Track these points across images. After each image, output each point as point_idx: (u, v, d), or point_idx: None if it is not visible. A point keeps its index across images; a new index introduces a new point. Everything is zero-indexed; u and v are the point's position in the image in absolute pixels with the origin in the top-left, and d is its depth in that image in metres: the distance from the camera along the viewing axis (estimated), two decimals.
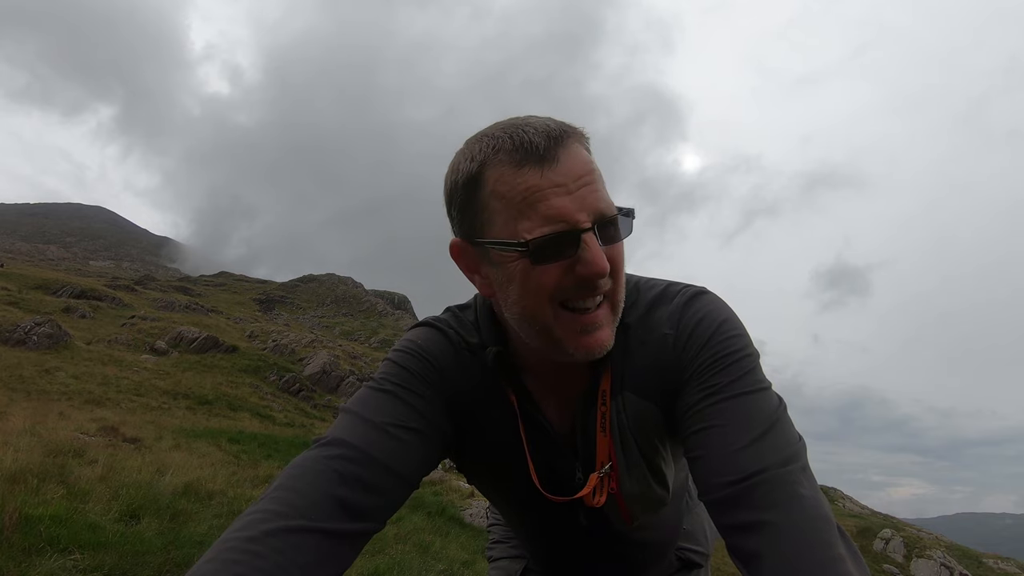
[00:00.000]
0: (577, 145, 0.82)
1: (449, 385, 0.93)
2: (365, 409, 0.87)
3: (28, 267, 47.77)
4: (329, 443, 0.83)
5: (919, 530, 26.41)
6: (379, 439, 0.84)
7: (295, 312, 65.59)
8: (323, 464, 0.80)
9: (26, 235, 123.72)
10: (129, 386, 17.50)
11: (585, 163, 0.81)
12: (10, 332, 19.79)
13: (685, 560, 1.26)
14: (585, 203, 0.79)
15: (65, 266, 72.23)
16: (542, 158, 0.78)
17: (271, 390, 23.96)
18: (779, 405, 0.83)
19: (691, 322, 0.89)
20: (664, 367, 0.90)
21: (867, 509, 38.71)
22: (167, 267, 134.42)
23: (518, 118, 0.83)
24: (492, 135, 0.82)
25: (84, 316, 28.68)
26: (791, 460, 0.76)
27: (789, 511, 0.72)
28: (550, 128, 0.80)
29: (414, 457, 0.86)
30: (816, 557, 0.68)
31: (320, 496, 0.77)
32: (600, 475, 0.94)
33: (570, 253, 0.79)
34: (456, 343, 0.96)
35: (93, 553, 3.64)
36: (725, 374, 0.84)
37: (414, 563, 5.57)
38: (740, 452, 0.77)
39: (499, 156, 0.80)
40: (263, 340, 32.82)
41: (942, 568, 20.13)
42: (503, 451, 0.96)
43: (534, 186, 0.78)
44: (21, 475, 4.94)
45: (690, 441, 0.84)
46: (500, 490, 1.07)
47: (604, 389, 0.92)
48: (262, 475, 8.42)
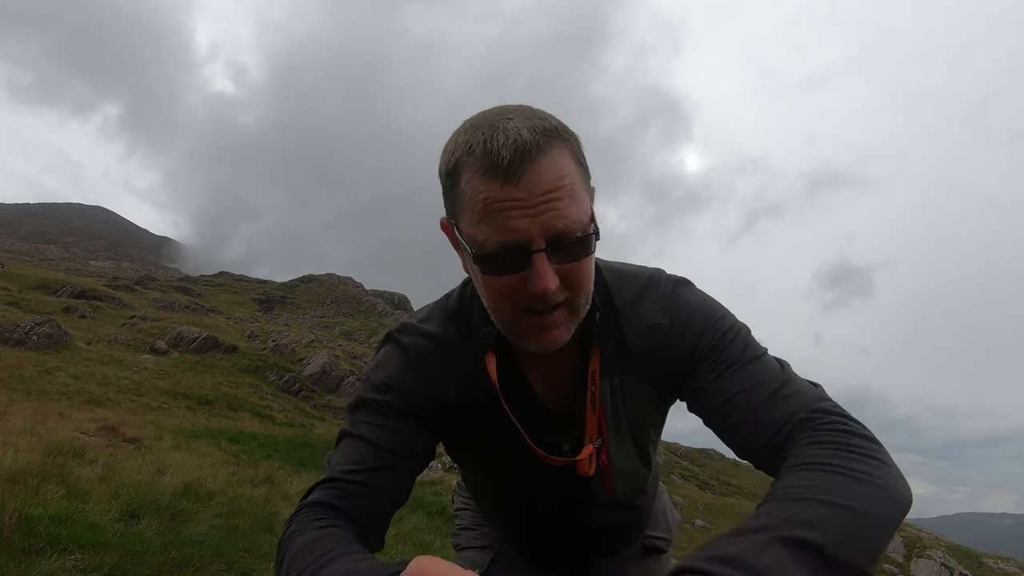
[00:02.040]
0: (557, 152, 0.80)
1: (435, 385, 0.97)
2: (361, 434, 0.95)
3: (28, 267, 47.77)
4: (331, 484, 0.92)
5: (919, 530, 26.41)
6: (379, 455, 0.93)
7: (295, 312, 65.60)
8: (333, 497, 0.90)
9: (26, 235, 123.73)
10: (129, 386, 17.50)
11: (555, 178, 0.78)
12: (10, 332, 19.79)
13: (649, 547, 1.28)
14: (542, 222, 0.78)
15: (65, 266, 72.24)
16: (506, 171, 0.77)
17: (271, 390, 23.96)
18: (783, 363, 0.92)
19: (683, 313, 0.96)
20: (664, 354, 0.95)
21: None
22: (167, 267, 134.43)
23: (502, 115, 0.81)
24: (472, 131, 0.81)
25: (84, 316, 28.68)
26: (815, 400, 0.85)
27: (822, 431, 0.80)
28: (522, 139, 0.77)
29: (409, 462, 0.96)
30: (828, 439, 0.77)
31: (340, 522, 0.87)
32: (594, 446, 0.99)
33: (519, 269, 0.80)
34: (440, 338, 0.99)
35: (93, 553, 3.64)
36: (730, 350, 0.91)
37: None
38: (768, 406, 0.85)
39: (471, 160, 0.80)
40: (263, 340, 32.83)
41: (942, 568, 20.14)
42: (492, 423, 0.98)
43: (493, 198, 0.78)
44: (21, 475, 4.94)
45: (718, 414, 0.90)
46: (488, 460, 1.07)
47: (594, 370, 0.96)
48: (262, 475, 8.43)
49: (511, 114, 0.81)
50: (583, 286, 0.86)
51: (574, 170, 0.82)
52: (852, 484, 0.70)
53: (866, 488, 0.71)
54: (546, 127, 0.80)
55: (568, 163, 0.81)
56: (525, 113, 0.82)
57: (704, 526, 21.00)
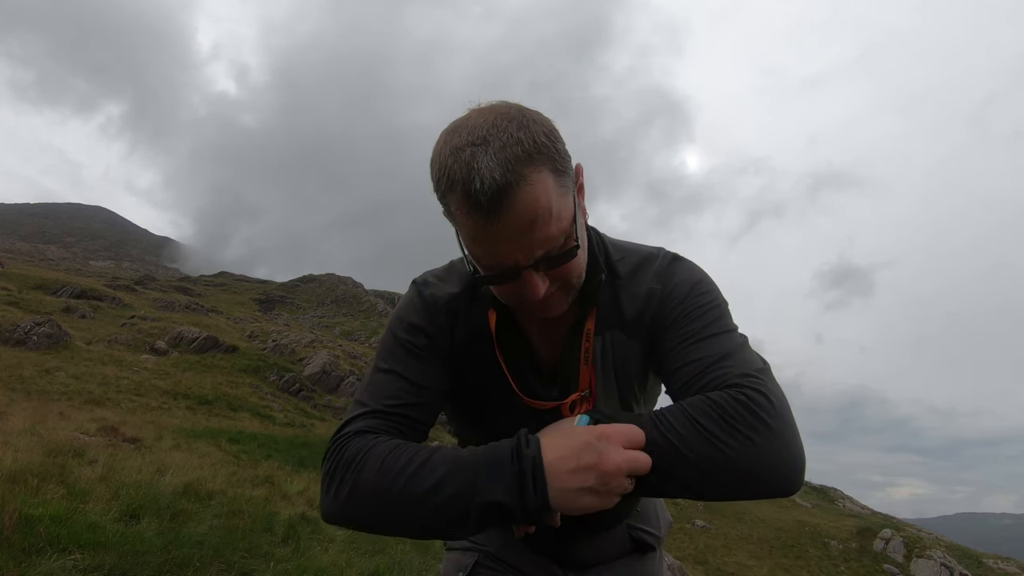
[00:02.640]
0: (533, 181, 0.85)
1: (441, 340, 1.08)
2: (390, 368, 1.06)
3: (28, 267, 47.77)
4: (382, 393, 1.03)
5: (919, 530, 26.43)
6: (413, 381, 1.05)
7: (295, 312, 65.61)
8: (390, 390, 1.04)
9: (26, 235, 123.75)
10: (129, 386, 17.50)
11: (531, 211, 0.86)
12: (10, 332, 19.79)
13: (638, 540, 1.28)
14: (526, 248, 0.89)
15: (65, 266, 72.25)
16: (487, 212, 0.85)
17: (271, 390, 23.96)
18: (743, 338, 1.00)
19: (673, 280, 1.06)
20: (651, 315, 1.05)
21: (867, 509, 38.73)
22: (167, 267, 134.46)
23: (478, 143, 0.85)
24: (454, 160, 0.86)
25: (84, 316, 28.68)
26: (759, 372, 0.92)
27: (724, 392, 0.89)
28: (495, 182, 0.83)
29: (434, 396, 1.07)
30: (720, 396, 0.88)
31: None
32: (581, 395, 1.07)
33: (512, 279, 0.92)
34: (432, 306, 1.09)
35: (93, 553, 3.64)
36: (699, 321, 1.00)
37: (414, 563, 5.57)
38: (699, 377, 0.94)
39: (453, 195, 0.87)
40: (263, 340, 32.83)
41: (942, 568, 20.15)
42: (489, 369, 1.08)
43: (479, 232, 0.88)
44: (21, 475, 4.94)
45: (669, 381, 1.01)
46: (482, 407, 1.14)
47: (589, 328, 1.06)
48: (262, 475, 8.43)
49: (487, 139, 0.85)
50: (573, 277, 0.97)
51: (551, 189, 0.88)
52: (706, 446, 0.84)
53: (713, 451, 0.83)
54: (519, 157, 0.84)
55: (543, 188, 0.86)
56: (500, 138, 0.85)
57: (704, 526, 21.01)
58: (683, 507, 23.53)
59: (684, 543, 14.58)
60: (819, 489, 41.74)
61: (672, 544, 14.11)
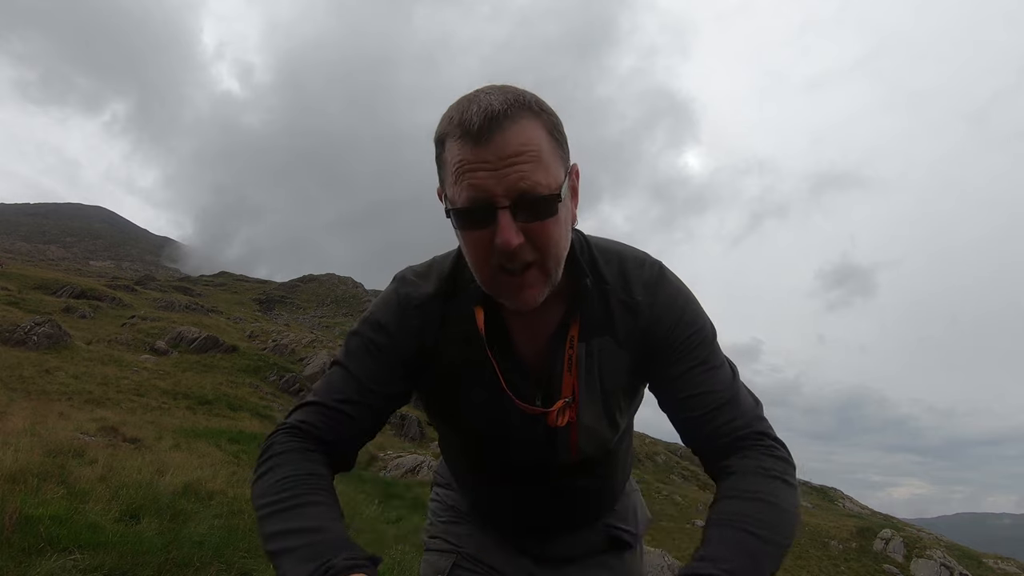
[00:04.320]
0: (526, 122, 0.88)
1: (406, 342, 1.07)
2: (345, 366, 1.07)
3: (28, 267, 47.77)
4: (309, 406, 1.06)
5: (919, 530, 26.42)
6: (354, 391, 1.05)
7: (295, 312, 65.59)
8: (310, 417, 1.05)
9: (26, 235, 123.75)
10: (129, 386, 17.49)
11: (520, 143, 0.87)
12: (10, 332, 19.78)
13: (614, 538, 1.30)
14: (506, 182, 0.87)
15: (65, 266, 72.23)
16: (476, 136, 0.86)
17: (271, 390, 23.96)
18: (735, 371, 1.06)
19: (663, 297, 1.06)
20: (640, 330, 1.05)
21: (867, 509, 38.72)
22: (167, 267, 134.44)
23: (483, 90, 0.91)
24: (456, 104, 0.91)
25: (84, 316, 28.68)
26: (754, 419, 1.02)
27: (757, 452, 0.98)
28: (492, 107, 0.87)
29: (385, 400, 1.08)
30: (764, 464, 0.97)
31: (309, 441, 1.03)
32: (564, 402, 1.06)
33: (486, 225, 0.89)
34: (411, 299, 1.08)
35: (93, 553, 3.63)
36: (700, 349, 1.03)
37: (414, 563, 5.57)
38: (718, 413, 1.00)
39: (451, 127, 0.90)
40: (263, 340, 32.82)
41: (942, 568, 20.13)
42: (473, 369, 1.06)
43: (464, 160, 0.88)
44: (21, 475, 4.94)
45: (679, 406, 1.04)
46: (463, 409, 1.11)
47: (573, 335, 1.04)
48: None
49: (491, 90, 0.91)
50: (551, 248, 0.93)
51: (544, 140, 0.90)
52: (779, 514, 0.91)
53: (789, 518, 0.91)
54: (519, 100, 0.89)
55: (537, 133, 0.89)
56: (505, 89, 0.91)
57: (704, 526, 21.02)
58: (683, 507, 23.53)
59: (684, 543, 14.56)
60: (819, 489, 41.73)
61: (672, 544, 14.08)
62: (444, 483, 1.40)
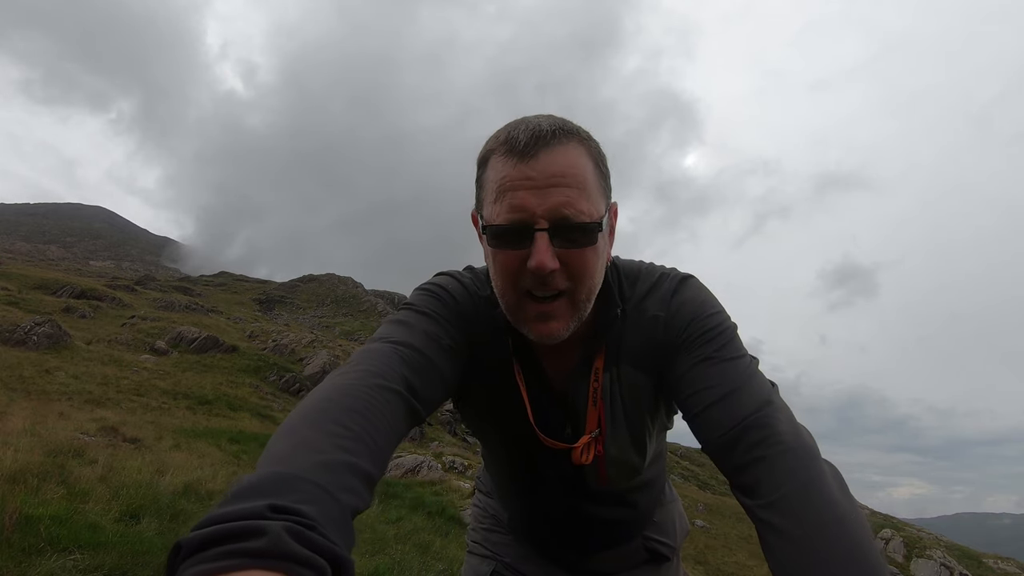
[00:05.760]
0: (573, 147, 0.87)
1: (467, 326, 1.01)
2: (413, 320, 0.97)
3: (28, 267, 47.75)
4: (389, 341, 0.91)
5: (919, 530, 26.41)
6: (429, 344, 0.94)
7: (295, 312, 65.57)
8: (391, 350, 0.89)
9: (26, 235, 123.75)
10: (129, 386, 17.48)
11: (568, 166, 0.86)
12: (10, 332, 19.78)
13: (652, 551, 1.29)
14: (548, 204, 0.84)
15: (65, 266, 72.21)
16: (521, 153, 0.85)
17: (271, 390, 23.95)
18: (751, 363, 0.95)
19: (677, 304, 1.00)
20: (657, 343, 1.00)
21: (867, 509, 38.70)
22: (167, 267, 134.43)
23: (531, 116, 0.91)
24: (503, 127, 0.91)
25: (84, 316, 28.67)
26: (765, 404, 0.88)
27: (772, 446, 0.84)
28: (541, 128, 0.86)
29: (450, 367, 0.96)
30: (800, 478, 0.80)
31: (394, 372, 0.86)
32: (591, 437, 1.03)
33: (522, 245, 0.86)
34: (473, 292, 1.04)
35: (93, 553, 3.63)
36: (710, 345, 0.95)
37: (414, 563, 5.57)
38: (722, 405, 0.89)
39: (496, 145, 0.89)
40: (263, 340, 32.81)
41: (942, 568, 20.13)
42: (504, 393, 1.03)
43: (507, 177, 0.86)
44: (21, 475, 4.94)
45: (686, 404, 0.96)
46: (497, 430, 1.11)
47: (598, 367, 1.01)
48: None
49: (540, 115, 0.91)
50: (585, 279, 0.90)
51: (590, 169, 0.88)
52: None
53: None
54: (568, 126, 0.89)
55: (582, 160, 0.88)
56: (554, 116, 0.91)
57: (704, 526, 21.00)
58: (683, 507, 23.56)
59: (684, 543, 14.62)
60: None
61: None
62: (486, 491, 1.41)
